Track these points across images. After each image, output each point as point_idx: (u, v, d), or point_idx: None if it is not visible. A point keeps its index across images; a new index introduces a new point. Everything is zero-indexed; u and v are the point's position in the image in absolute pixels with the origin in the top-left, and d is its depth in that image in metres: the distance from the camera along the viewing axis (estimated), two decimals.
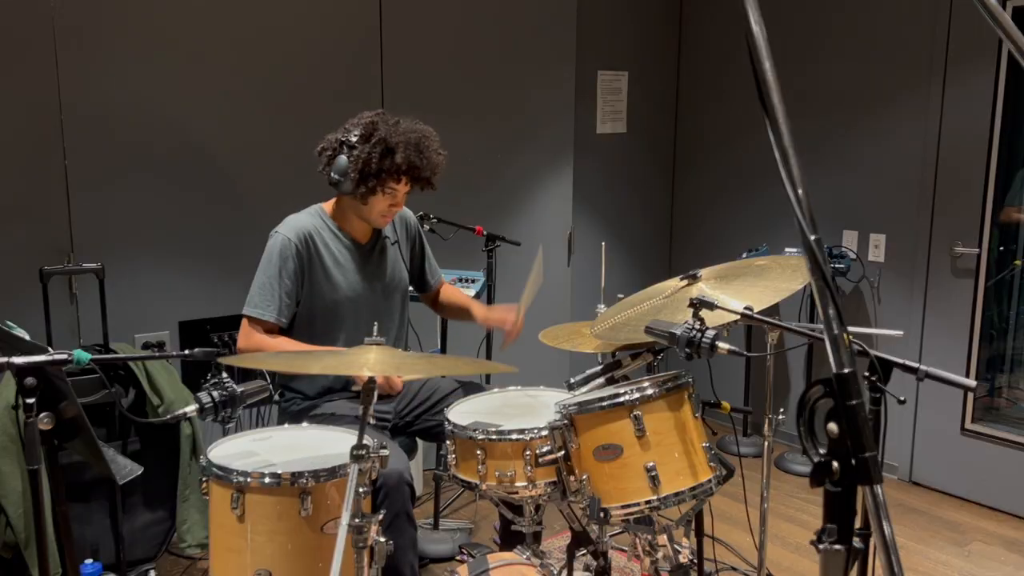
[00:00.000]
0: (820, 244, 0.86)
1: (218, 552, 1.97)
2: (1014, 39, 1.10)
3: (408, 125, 2.50)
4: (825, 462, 0.86)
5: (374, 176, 2.44)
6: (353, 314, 2.57)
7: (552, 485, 2.09)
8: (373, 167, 2.43)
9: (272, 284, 2.48)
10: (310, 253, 2.52)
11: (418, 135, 2.48)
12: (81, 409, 1.87)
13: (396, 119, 2.51)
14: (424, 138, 2.49)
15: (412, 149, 2.45)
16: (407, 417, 2.69)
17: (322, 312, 2.55)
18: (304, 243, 2.50)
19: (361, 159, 2.42)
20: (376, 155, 2.42)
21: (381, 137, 2.43)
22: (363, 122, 2.48)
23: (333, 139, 2.51)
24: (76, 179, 3.09)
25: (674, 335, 1.97)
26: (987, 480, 3.80)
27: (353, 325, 2.57)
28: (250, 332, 2.48)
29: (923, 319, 3.95)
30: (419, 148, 2.46)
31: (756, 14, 0.89)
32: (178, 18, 3.23)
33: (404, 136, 2.45)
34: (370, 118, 2.49)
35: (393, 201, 2.52)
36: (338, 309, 2.55)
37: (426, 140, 2.50)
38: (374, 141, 2.43)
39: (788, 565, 3.29)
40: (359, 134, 2.45)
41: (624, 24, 4.64)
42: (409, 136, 2.46)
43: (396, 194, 2.51)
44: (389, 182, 2.47)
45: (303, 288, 2.52)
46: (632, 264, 4.88)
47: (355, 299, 2.58)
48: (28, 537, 2.61)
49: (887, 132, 4.01)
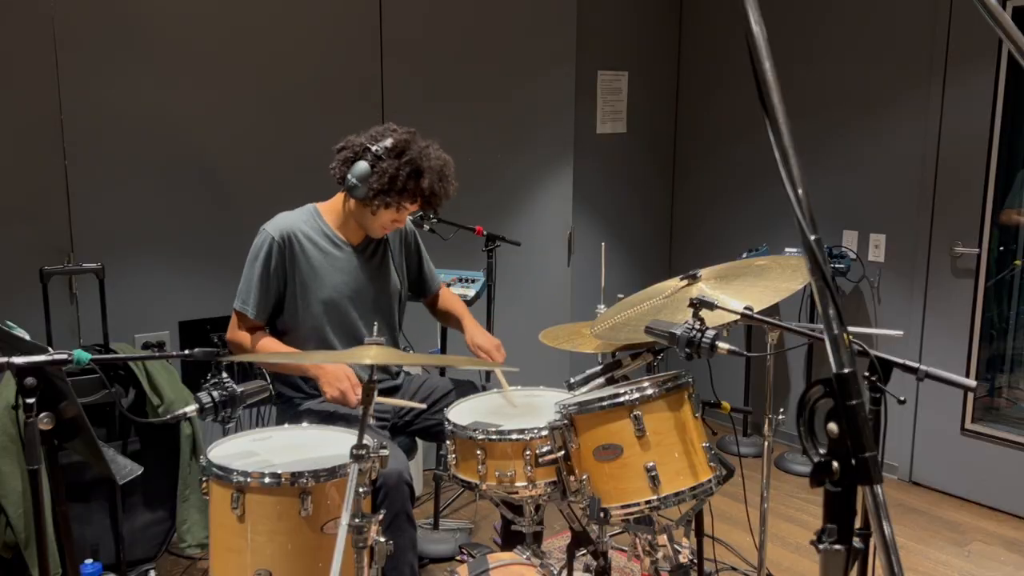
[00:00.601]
0: (820, 244, 0.86)
1: (218, 552, 1.97)
2: (1014, 39, 1.10)
3: (436, 152, 2.52)
4: (825, 462, 0.86)
5: (396, 193, 2.44)
6: (341, 315, 2.57)
7: (552, 485, 2.09)
8: (399, 184, 2.43)
9: (253, 281, 2.51)
10: (293, 252, 2.51)
11: (443, 163, 2.50)
12: (81, 409, 1.87)
13: (427, 143, 2.52)
14: (447, 166, 2.52)
15: (437, 177, 2.47)
16: (406, 417, 2.69)
17: (310, 311, 2.54)
18: (285, 241, 2.50)
19: (388, 173, 2.42)
20: (404, 174, 2.42)
21: (412, 158, 2.43)
22: (396, 137, 2.46)
23: (357, 142, 2.49)
24: (76, 179, 3.09)
25: (674, 335, 1.97)
26: (987, 480, 3.80)
27: (342, 326, 2.57)
28: (235, 325, 2.55)
29: (923, 319, 3.95)
30: (442, 177, 2.49)
31: (756, 14, 0.88)
32: (178, 18, 3.23)
33: (433, 162, 2.47)
34: (403, 135, 2.48)
35: (398, 217, 2.53)
36: (326, 309, 2.55)
37: (448, 169, 2.52)
38: (405, 160, 2.43)
39: (788, 565, 3.30)
40: (389, 147, 2.44)
41: (624, 24, 4.64)
42: (436, 163, 2.48)
43: (406, 212, 2.53)
44: (405, 201, 2.48)
45: (287, 287, 2.53)
46: (632, 264, 4.88)
47: (343, 300, 2.56)
48: (28, 537, 2.62)
49: (887, 132, 4.01)
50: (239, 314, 2.53)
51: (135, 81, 3.16)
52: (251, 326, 2.54)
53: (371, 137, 2.48)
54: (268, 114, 3.47)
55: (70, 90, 3.04)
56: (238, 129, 3.41)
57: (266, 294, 2.50)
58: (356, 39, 3.65)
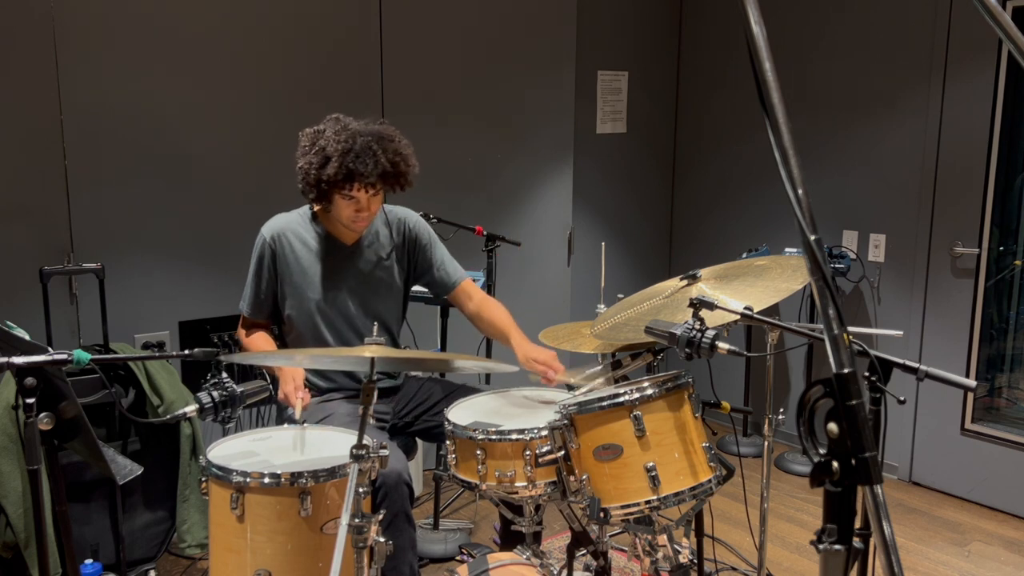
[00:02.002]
0: (820, 244, 0.86)
1: (218, 552, 1.97)
2: (1014, 39, 1.10)
3: (359, 128, 2.37)
4: (825, 462, 0.86)
5: (313, 185, 2.39)
6: (336, 314, 2.57)
7: (552, 485, 2.09)
8: (312, 177, 2.37)
9: (251, 281, 2.58)
10: (283, 252, 2.53)
11: (367, 139, 2.34)
12: (81, 409, 1.87)
13: (347, 123, 2.39)
14: (376, 140, 2.35)
15: (350, 156, 2.31)
16: (406, 417, 2.69)
17: (305, 311, 2.55)
18: (276, 241, 2.53)
19: (303, 170, 2.40)
20: (314, 166, 2.36)
21: (320, 146, 2.36)
22: (313, 129, 2.44)
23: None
24: (76, 179, 3.09)
25: (674, 335, 1.97)
26: (987, 480, 3.80)
27: (337, 325, 2.57)
28: (240, 324, 2.65)
29: (923, 319, 3.95)
30: (358, 153, 2.31)
31: (756, 14, 0.89)
32: (178, 19, 3.23)
33: (345, 143, 2.32)
34: (320, 125, 2.43)
35: (357, 207, 2.41)
36: (320, 309, 2.55)
37: (378, 143, 2.35)
38: (314, 151, 2.37)
39: (788, 565, 3.29)
40: (306, 143, 2.42)
41: (624, 24, 4.64)
42: (351, 142, 2.32)
43: (358, 201, 2.40)
44: (336, 191, 2.38)
45: (279, 287, 2.56)
46: (632, 264, 4.88)
47: (336, 300, 2.56)
48: (28, 537, 2.61)
49: (887, 132, 4.01)
50: (242, 315, 2.63)
51: (135, 81, 3.16)
52: (249, 324, 2.62)
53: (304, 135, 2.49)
54: (268, 114, 3.47)
55: (70, 90, 3.04)
56: (239, 129, 3.41)
57: (257, 293, 2.56)
58: (356, 39, 3.65)
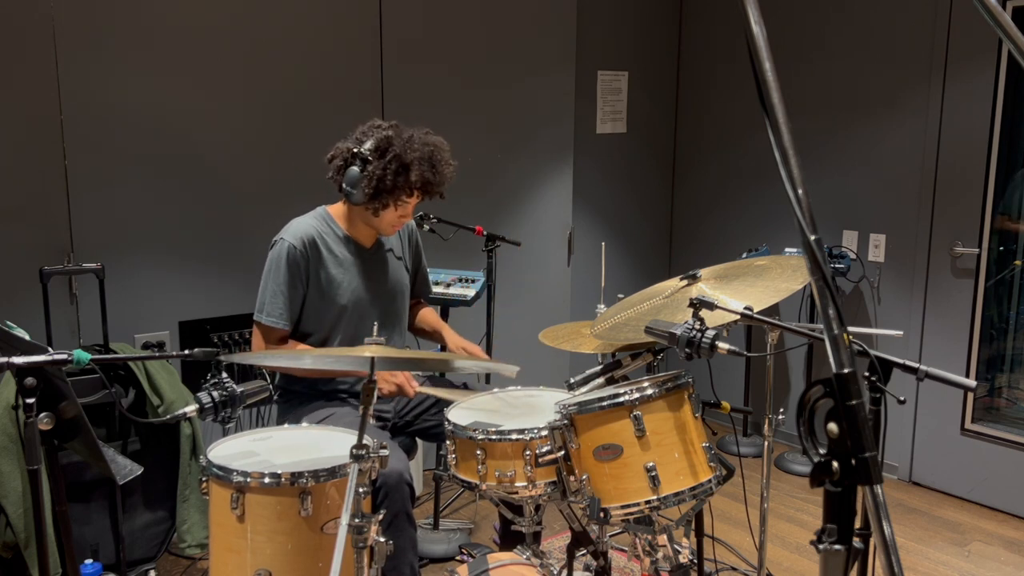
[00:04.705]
0: (820, 244, 0.86)
1: (218, 552, 1.97)
2: (1014, 39, 1.10)
3: (421, 138, 2.48)
4: (825, 462, 0.86)
5: (387, 192, 2.43)
6: (358, 317, 2.58)
7: (552, 485, 2.09)
8: (388, 184, 2.41)
9: (284, 292, 2.48)
10: (318, 256, 2.52)
11: (431, 149, 2.46)
12: (81, 409, 1.87)
13: (410, 133, 2.48)
14: (437, 151, 2.48)
15: (426, 165, 2.44)
16: (406, 417, 2.70)
17: (328, 315, 2.55)
18: (308, 247, 2.50)
19: (376, 175, 2.41)
20: (391, 172, 2.41)
21: (396, 154, 2.41)
22: (377, 136, 2.44)
23: (344, 148, 2.48)
24: (76, 179, 3.09)
25: (674, 335, 1.97)
26: (987, 480, 3.80)
27: (357, 328, 2.58)
28: (260, 339, 2.51)
29: (923, 319, 3.95)
30: (432, 163, 2.46)
31: (756, 14, 0.89)
32: (179, 19, 3.23)
33: (419, 152, 2.43)
34: (384, 132, 2.46)
35: (404, 212, 2.53)
36: (344, 312, 2.56)
37: (439, 153, 2.49)
38: (389, 158, 2.41)
39: (788, 565, 3.29)
40: (372, 148, 2.42)
41: (624, 24, 4.64)
42: (423, 151, 2.44)
43: (407, 206, 2.52)
44: (401, 198, 2.47)
45: (307, 292, 2.53)
46: (632, 264, 4.88)
47: (359, 302, 2.58)
48: (28, 537, 2.61)
49: (887, 132, 4.01)
50: (266, 327, 2.49)
51: (135, 81, 3.16)
52: (280, 336, 2.51)
53: (356, 140, 2.48)
54: (268, 114, 3.47)
55: (70, 90, 3.04)
56: (238, 129, 3.41)
57: (293, 303, 2.50)
58: (356, 39, 3.65)
